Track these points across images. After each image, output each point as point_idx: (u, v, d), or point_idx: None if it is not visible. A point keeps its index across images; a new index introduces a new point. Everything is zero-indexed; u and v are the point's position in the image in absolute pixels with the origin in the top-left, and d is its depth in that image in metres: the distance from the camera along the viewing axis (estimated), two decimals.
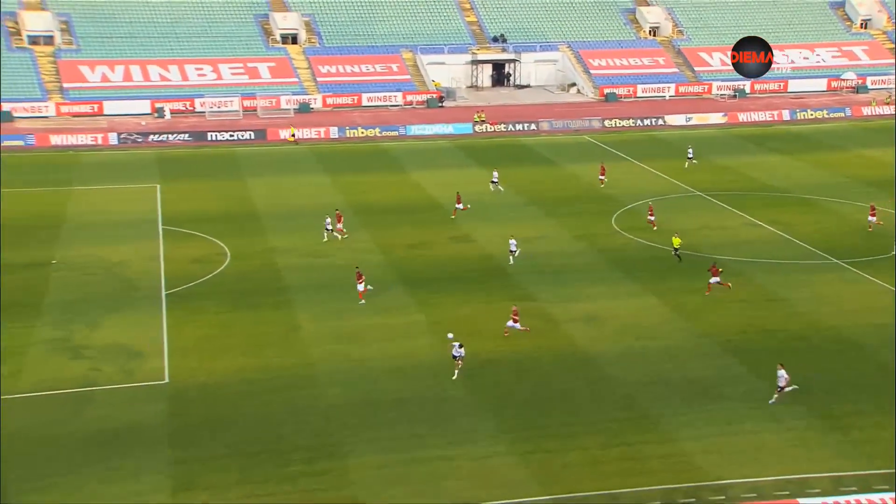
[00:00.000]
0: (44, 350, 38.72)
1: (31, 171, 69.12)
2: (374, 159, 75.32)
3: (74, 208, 59.37)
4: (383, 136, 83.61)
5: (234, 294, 45.15)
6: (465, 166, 73.11)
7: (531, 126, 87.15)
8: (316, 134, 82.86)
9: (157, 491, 28.97)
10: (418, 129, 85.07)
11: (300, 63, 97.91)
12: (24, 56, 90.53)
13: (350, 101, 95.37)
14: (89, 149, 77.05)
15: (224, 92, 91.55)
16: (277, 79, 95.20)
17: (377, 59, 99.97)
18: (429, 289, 46.11)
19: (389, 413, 34.00)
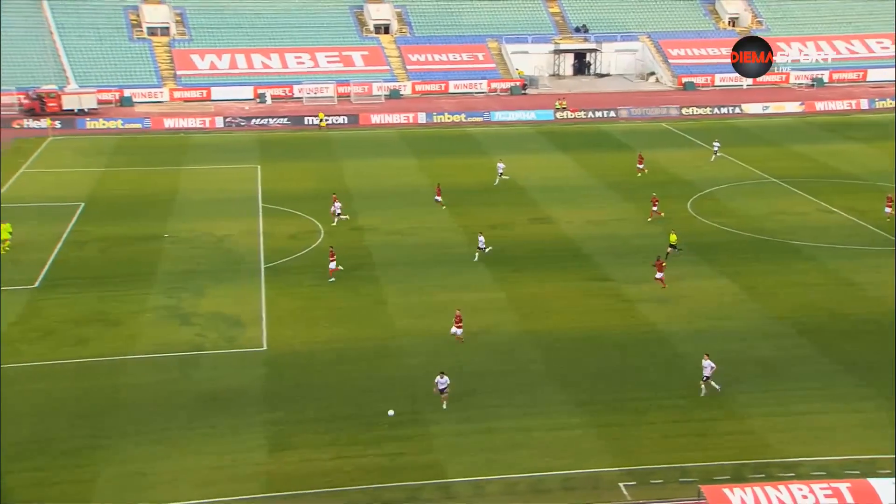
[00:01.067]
0: (157, 316, 39.82)
1: (146, 152, 70.96)
2: (459, 143, 75.16)
3: (184, 186, 60.76)
4: (468, 121, 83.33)
5: (326, 269, 45.55)
6: (546, 151, 72.39)
7: (610, 113, 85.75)
8: (405, 119, 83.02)
9: (255, 449, 29.54)
10: (502, 116, 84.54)
11: (391, 52, 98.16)
12: (143, 46, 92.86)
13: (438, 88, 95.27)
14: (198, 131, 78.74)
15: (320, 79, 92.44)
16: (370, 67, 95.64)
17: (464, 48, 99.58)
18: (508, 267, 45.87)
19: (470, 383, 33.95)
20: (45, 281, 43.51)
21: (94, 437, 29.98)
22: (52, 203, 55.92)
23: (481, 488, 27.86)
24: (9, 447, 29.35)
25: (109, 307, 40.36)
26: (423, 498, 27.40)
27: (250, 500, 27.01)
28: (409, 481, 28.00)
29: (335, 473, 28.29)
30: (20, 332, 37.86)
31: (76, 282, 43.49)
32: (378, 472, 28.44)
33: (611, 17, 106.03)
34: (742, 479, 27.79)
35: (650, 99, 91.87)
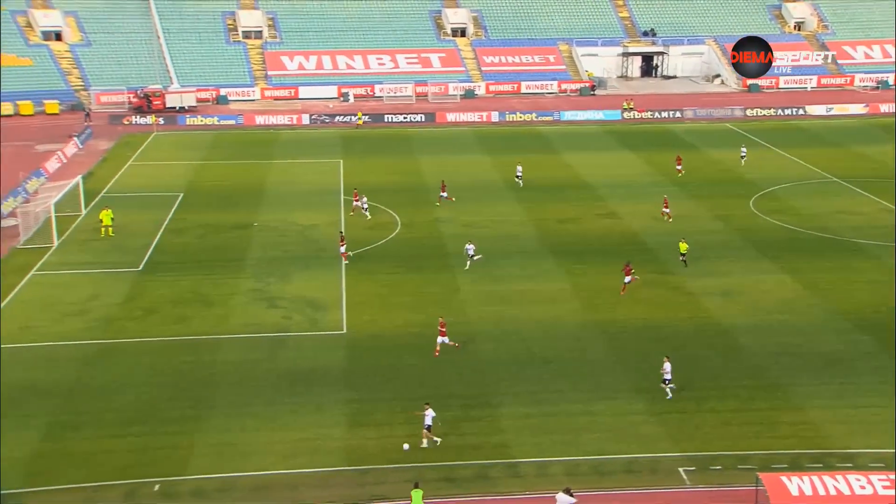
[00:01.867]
0: (246, 299, 40.65)
1: (239, 147, 72.37)
2: (529, 141, 74.76)
3: (273, 178, 61.78)
4: (539, 120, 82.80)
5: (403, 258, 45.95)
6: (613, 149, 71.53)
7: (676, 114, 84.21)
8: (479, 118, 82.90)
9: (336, 425, 29.98)
10: (571, 115, 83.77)
11: (467, 54, 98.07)
12: (238, 48, 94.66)
13: (510, 89, 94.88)
14: (286, 128, 79.94)
15: (400, 79, 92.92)
16: (446, 68, 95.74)
17: (536, 50, 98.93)
18: (575, 259, 45.54)
19: (537, 369, 33.90)
20: (147, 264, 44.80)
21: (191, 409, 30.82)
22: (155, 193, 57.50)
23: (546, 469, 27.78)
24: (116, 414, 30.40)
25: (205, 289, 41.38)
26: (491, 476, 27.45)
27: (331, 473, 27.42)
28: (478, 460, 28.08)
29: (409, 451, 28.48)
30: (126, 310, 39.09)
31: (175, 265, 44.69)
32: (449, 450, 28.57)
33: (678, 21, 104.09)
34: (800, 468, 27.18)
35: (715, 100, 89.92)
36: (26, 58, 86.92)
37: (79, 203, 52.85)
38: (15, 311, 38.87)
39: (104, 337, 36.42)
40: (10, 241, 47.63)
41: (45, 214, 48.90)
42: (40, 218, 49.26)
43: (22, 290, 41.32)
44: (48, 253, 46.05)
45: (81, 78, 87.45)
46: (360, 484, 26.93)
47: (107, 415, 30.37)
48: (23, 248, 46.81)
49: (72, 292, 40.95)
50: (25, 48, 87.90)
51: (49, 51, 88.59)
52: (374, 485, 26.86)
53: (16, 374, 33.32)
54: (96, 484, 26.61)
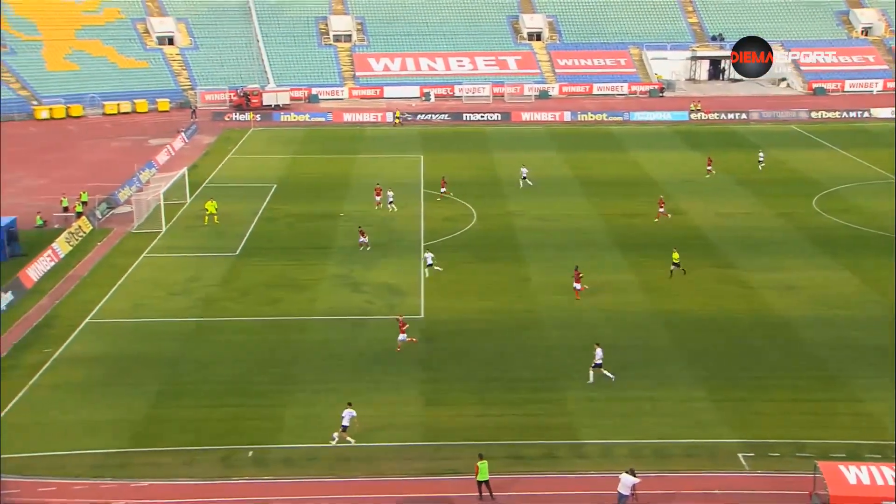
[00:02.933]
0: (332, 284, 41.19)
1: (328, 142, 73.30)
2: (599, 140, 73.70)
3: (358, 172, 62.35)
4: (609, 120, 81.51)
5: (477, 248, 45.87)
6: (680, 149, 69.94)
7: (742, 115, 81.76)
8: (552, 117, 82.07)
9: (412, 403, 30.17)
10: (640, 116, 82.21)
11: (542, 56, 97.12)
12: (329, 51, 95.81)
13: (582, 90, 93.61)
14: (371, 125, 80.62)
15: (478, 80, 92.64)
16: (522, 70, 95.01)
17: (608, 54, 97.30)
18: (640, 253, 44.75)
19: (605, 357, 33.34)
20: (243, 250, 45.81)
21: (280, 383, 31.43)
22: (251, 184, 58.72)
23: (610, 451, 27.44)
24: (214, 385, 31.26)
25: (295, 273, 42.10)
26: (557, 455, 27.25)
27: (407, 447, 27.62)
28: (544, 440, 27.92)
29: (479, 428, 28.53)
30: (224, 291, 40.09)
31: (268, 251, 45.56)
32: (517, 429, 28.48)
33: (746, 26, 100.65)
34: (858, 457, 26.15)
35: (781, 103, 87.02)
36: (143, 61, 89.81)
37: (184, 192, 54.37)
38: (129, 290, 40.30)
39: (204, 315, 37.43)
40: (125, 226, 49.36)
41: (155, 202, 50.48)
42: (151, 205, 50.88)
43: (135, 270, 42.79)
44: (157, 237, 47.55)
45: (189, 78, 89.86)
46: (434, 458, 27.06)
47: (205, 386, 31.24)
48: (136, 232, 48.45)
49: (177, 274, 42.20)
50: (143, 52, 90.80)
51: (162, 54, 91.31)
52: (448, 459, 26.93)
53: (129, 346, 34.58)
54: (196, 448, 27.40)
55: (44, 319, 36.93)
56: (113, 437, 27.93)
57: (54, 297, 39.30)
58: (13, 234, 44.39)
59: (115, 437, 27.92)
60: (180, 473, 26.34)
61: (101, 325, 36.45)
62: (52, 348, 34.00)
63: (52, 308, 38.09)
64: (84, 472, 26.25)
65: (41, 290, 40.01)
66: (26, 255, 43.62)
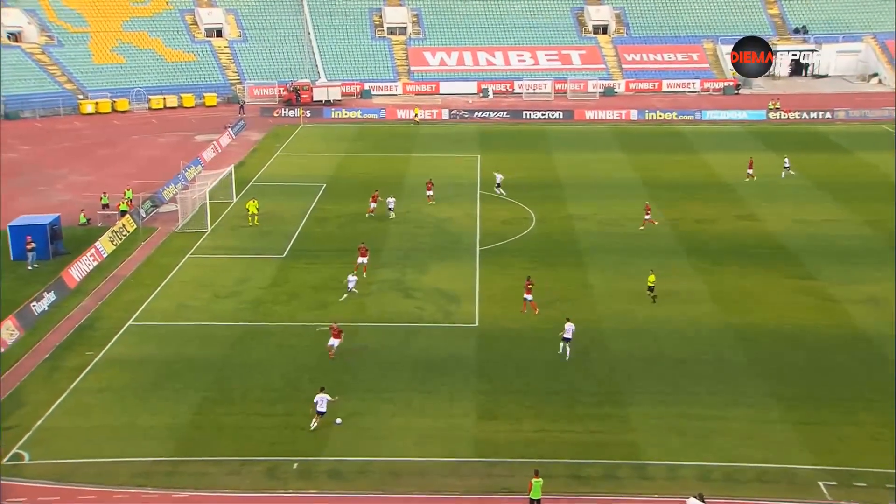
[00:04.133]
0: (384, 288, 41.52)
1: (381, 139, 73.95)
2: (668, 140, 72.88)
3: (412, 171, 62.72)
4: (679, 119, 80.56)
5: (537, 253, 45.78)
6: (755, 150, 68.60)
7: (826, 115, 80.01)
8: (618, 116, 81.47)
9: (466, 415, 30.25)
10: (713, 115, 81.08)
11: (608, 51, 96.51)
12: (383, 44, 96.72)
13: (651, 87, 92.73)
14: (426, 122, 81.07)
15: (539, 76, 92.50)
16: (587, 65, 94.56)
17: (679, 48, 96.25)
18: (712, 260, 44.19)
19: (669, 370, 33.14)
20: (291, 251, 46.50)
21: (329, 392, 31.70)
22: (300, 183, 59.57)
23: (676, 472, 27.13)
24: (262, 392, 31.78)
25: (345, 277, 42.39)
26: (619, 476, 27.06)
27: (461, 462, 27.68)
28: (606, 459, 27.75)
29: (537, 444, 28.48)
30: (272, 294, 40.75)
31: (317, 253, 46.16)
32: (578, 447, 28.36)
33: (833, 17, 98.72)
34: None
35: (871, 101, 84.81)
36: (191, 53, 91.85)
37: (230, 191, 55.44)
38: (173, 291, 41.26)
39: (252, 319, 38.11)
40: (169, 225, 50.55)
41: (200, 201, 51.56)
42: (196, 204, 51.98)
43: (179, 271, 43.78)
44: (203, 237, 48.58)
45: (237, 72, 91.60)
46: (489, 475, 27.08)
47: (253, 392, 31.79)
48: (181, 231, 49.57)
49: (223, 275, 43.05)
50: (191, 44, 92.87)
51: (210, 46, 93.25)
52: (503, 477, 26.94)
53: (173, 349, 35.40)
54: (242, 459, 27.87)
55: (86, 320, 38.01)
56: (157, 444, 28.59)
57: (97, 298, 40.44)
58: (57, 232, 45.73)
59: (159, 444, 28.58)
60: (225, 484, 26.82)
61: (145, 328, 37.41)
62: (94, 350, 34.99)
63: (94, 309, 39.18)
64: (126, 480, 26.89)
65: (84, 291, 41.22)
66: (70, 253, 44.98)
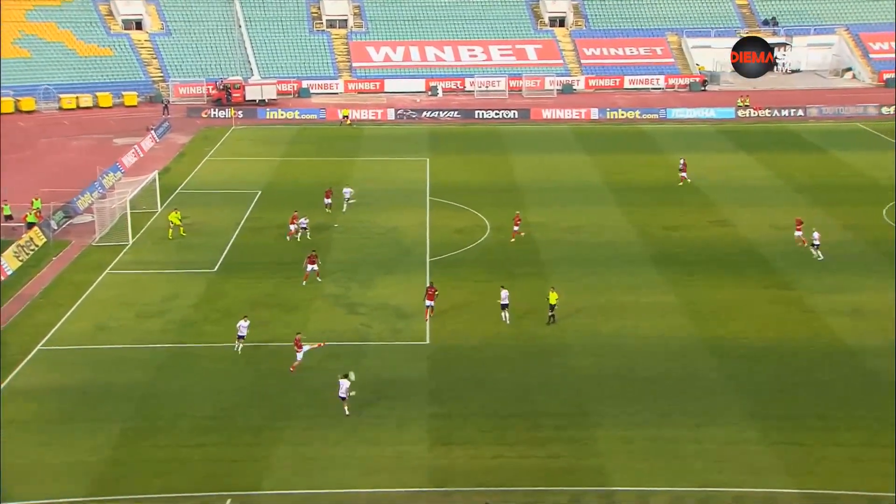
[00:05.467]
0: (326, 304, 41.31)
1: (321, 142, 73.64)
2: (633, 140, 73.89)
3: (356, 176, 62.49)
4: (643, 118, 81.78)
5: (493, 264, 45.94)
6: (727, 150, 70.05)
7: (798, 112, 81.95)
8: (577, 115, 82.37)
9: (418, 441, 30.17)
10: (679, 113, 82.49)
11: (566, 45, 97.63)
12: (322, 38, 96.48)
13: (612, 84, 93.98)
14: (370, 123, 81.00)
15: (492, 72, 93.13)
16: (543, 60, 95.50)
17: (642, 42, 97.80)
18: (681, 270, 44.82)
19: (639, 388, 33.47)
20: (223, 265, 46.00)
21: (269, 419, 31.46)
22: (232, 189, 59.01)
23: (646, 499, 27.36)
24: (192, 421, 31.30)
25: (283, 293, 42.23)
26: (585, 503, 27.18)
27: (414, 494, 27.58)
28: (571, 486, 27.86)
29: (497, 472, 28.50)
30: (202, 313, 40.23)
31: (252, 266, 45.76)
32: (540, 473, 28.45)
33: (804, 7, 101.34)
34: None
35: (845, 97, 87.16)
36: (107, 48, 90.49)
37: (155, 200, 54.67)
38: (90, 311, 40.47)
39: (180, 340, 37.57)
40: (85, 238, 49.61)
41: (120, 211, 50.78)
42: (116, 214, 51.18)
43: (96, 288, 42.97)
44: (123, 251, 47.80)
45: (161, 68, 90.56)
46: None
47: (182, 422, 31.29)
48: (98, 245, 48.69)
49: (147, 292, 42.38)
50: (106, 37, 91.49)
51: (129, 40, 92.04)
52: None
53: (90, 375, 34.67)
54: (170, 495, 27.38)
55: None
56: (70, 483, 27.89)
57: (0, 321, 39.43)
58: None
59: (73, 483, 27.89)
60: None
61: (57, 353, 36.60)
62: None
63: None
64: None
65: None
66: None
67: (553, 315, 38.85)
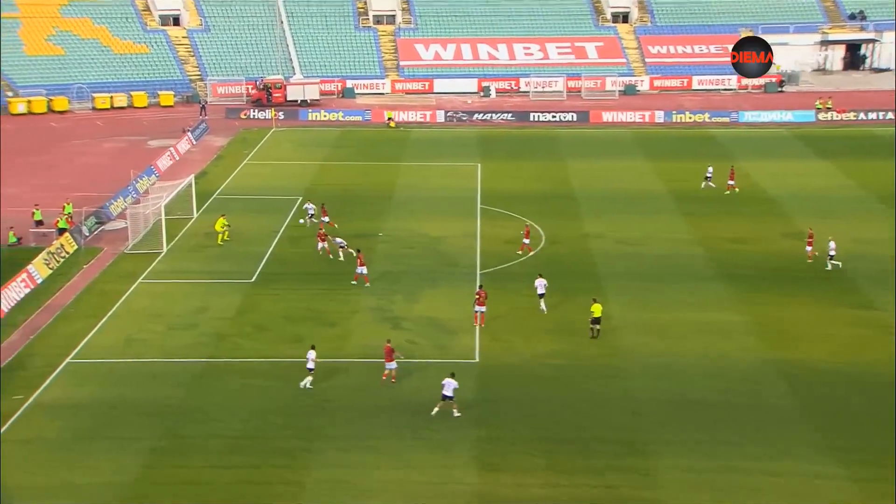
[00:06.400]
0: (367, 318, 41.50)
1: (365, 146, 74.18)
2: (700, 146, 73.14)
3: (402, 182, 62.88)
4: (713, 122, 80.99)
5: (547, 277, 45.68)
6: (804, 157, 69.10)
7: (888, 115, 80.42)
8: (640, 118, 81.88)
9: (465, 466, 30.13)
10: (752, 116, 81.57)
11: (629, 43, 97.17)
12: (369, 35, 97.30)
13: (679, 84, 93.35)
14: (418, 125, 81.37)
15: (549, 72, 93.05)
16: (604, 59, 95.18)
17: (712, 38, 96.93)
18: (750, 286, 44.31)
19: (702, 415, 33.09)
20: (261, 275, 46.49)
21: (303, 439, 31.69)
22: (271, 196, 59.69)
23: None
24: (223, 441, 31.64)
25: (322, 305, 42.54)
26: None
27: None
28: None
29: (547, 501, 28.40)
30: (237, 326, 40.69)
31: (291, 278, 46.18)
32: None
33: None
34: None
35: None
36: (142, 44, 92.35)
37: (190, 205, 55.49)
38: (120, 323, 41.17)
39: (213, 354, 38.04)
40: (117, 245, 50.52)
41: (154, 217, 51.62)
42: (150, 221, 52.02)
43: (128, 299, 43.70)
44: (157, 259, 48.56)
45: (198, 67, 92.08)
46: None
47: (213, 441, 31.66)
48: (131, 252, 49.54)
49: (180, 303, 43.01)
50: (142, 34, 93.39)
51: (166, 37, 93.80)
52: None
53: (119, 391, 35.25)
54: None
55: (15, 359, 37.82)
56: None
57: (28, 332, 40.26)
58: None
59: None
60: None
61: (86, 366, 37.26)
62: (23, 394, 34.76)
63: (25, 345, 39.00)
64: None
65: (12, 323, 41.03)
66: None
67: (598, 328, 38.84)
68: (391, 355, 35.35)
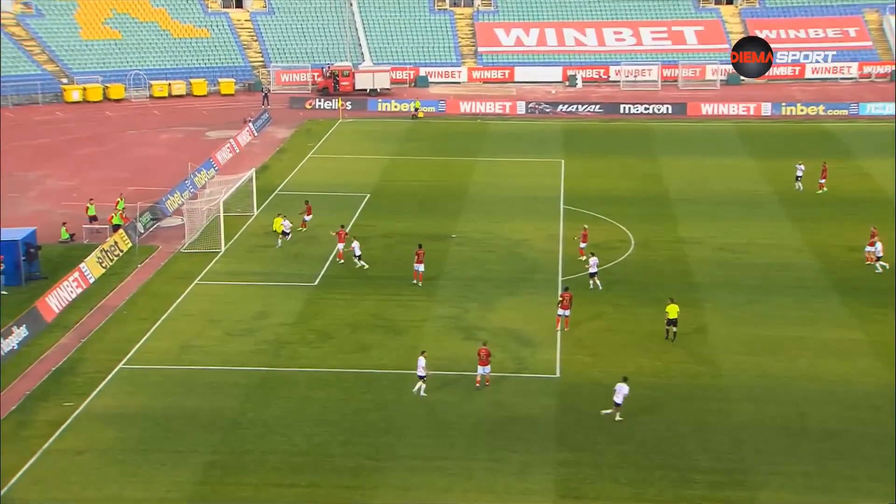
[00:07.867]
0: (438, 326, 41.69)
1: (439, 139, 74.57)
2: (813, 142, 71.99)
3: (478, 180, 63.03)
4: (828, 115, 79.66)
5: (637, 286, 45.48)
6: None
7: None
8: (744, 110, 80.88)
9: (543, 492, 30.04)
10: (875, 108, 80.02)
11: (734, 27, 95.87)
12: (445, 18, 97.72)
13: (790, 73, 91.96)
14: (497, 117, 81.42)
15: (643, 59, 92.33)
16: (704, 45, 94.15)
17: (830, 21, 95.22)
18: (873, 301, 43.38)
19: (812, 444, 32.49)
20: (324, 279, 46.97)
21: (369, 458, 31.90)
22: (336, 192, 60.28)
23: None
24: (283, 457, 32.01)
25: (390, 313, 42.79)
26: None
27: None
28: None
29: None
30: (298, 333, 41.17)
31: (357, 281, 46.57)
32: None
33: None
34: None
35: None
36: (203, 28, 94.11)
37: (251, 202, 56.32)
38: (175, 327, 41.98)
39: (273, 364, 38.53)
40: (173, 244, 51.52)
41: (212, 214, 52.50)
42: (207, 218, 52.89)
43: (183, 301, 44.55)
44: (214, 259, 49.40)
45: (261, 52, 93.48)
46: None
47: (272, 457, 32.04)
48: (187, 252, 50.49)
49: (238, 308, 43.66)
50: (203, 17, 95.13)
51: (228, 20, 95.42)
52: None
53: (173, 400, 35.91)
54: None
55: (66, 363, 38.77)
56: None
57: (80, 335, 41.26)
58: (32, 251, 46.78)
59: None
60: None
61: (139, 373, 38.04)
62: (74, 402, 35.58)
63: (76, 349, 39.96)
64: None
65: (64, 325, 42.09)
66: (47, 278, 46.00)
67: (674, 330, 39.33)
68: (487, 359, 35.64)
